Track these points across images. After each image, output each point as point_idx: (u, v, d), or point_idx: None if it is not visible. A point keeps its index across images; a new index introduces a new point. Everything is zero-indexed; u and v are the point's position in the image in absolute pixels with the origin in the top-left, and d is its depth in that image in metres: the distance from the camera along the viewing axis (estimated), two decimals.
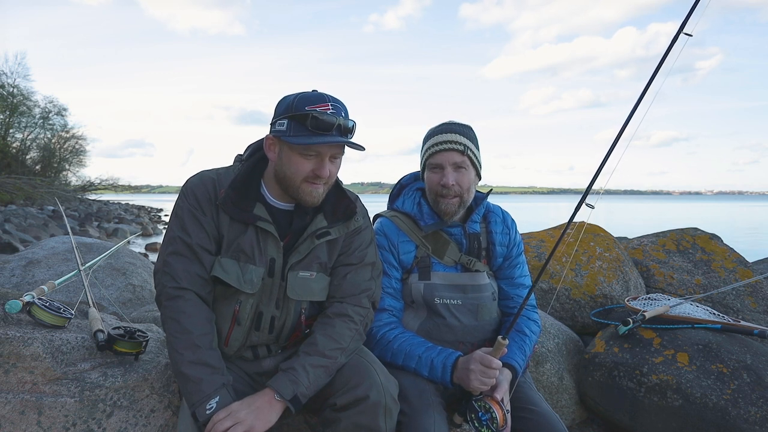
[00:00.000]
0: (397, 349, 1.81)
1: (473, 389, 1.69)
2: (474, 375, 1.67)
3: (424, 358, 1.77)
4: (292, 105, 1.52)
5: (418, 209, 1.96)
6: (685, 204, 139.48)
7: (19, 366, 1.61)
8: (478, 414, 1.67)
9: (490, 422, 1.64)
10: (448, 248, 1.92)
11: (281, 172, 1.58)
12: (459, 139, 1.87)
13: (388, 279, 1.90)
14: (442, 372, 1.75)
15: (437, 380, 1.77)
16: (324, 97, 1.53)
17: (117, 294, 3.35)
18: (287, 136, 1.51)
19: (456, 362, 1.75)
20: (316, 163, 1.54)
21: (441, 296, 1.88)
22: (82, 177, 38.95)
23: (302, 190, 1.57)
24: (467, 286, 1.90)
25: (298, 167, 1.54)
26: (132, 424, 1.63)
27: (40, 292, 1.94)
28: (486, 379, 1.67)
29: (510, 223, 2.05)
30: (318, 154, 1.54)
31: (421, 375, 1.78)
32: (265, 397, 1.49)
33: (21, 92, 32.91)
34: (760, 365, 2.42)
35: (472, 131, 1.94)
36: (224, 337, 1.62)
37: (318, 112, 1.48)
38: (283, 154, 1.56)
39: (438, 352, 1.78)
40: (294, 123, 1.50)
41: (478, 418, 1.67)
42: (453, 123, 1.94)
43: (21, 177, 23.55)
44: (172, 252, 1.58)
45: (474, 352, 1.72)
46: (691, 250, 3.70)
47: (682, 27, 1.56)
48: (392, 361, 1.80)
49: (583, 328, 3.25)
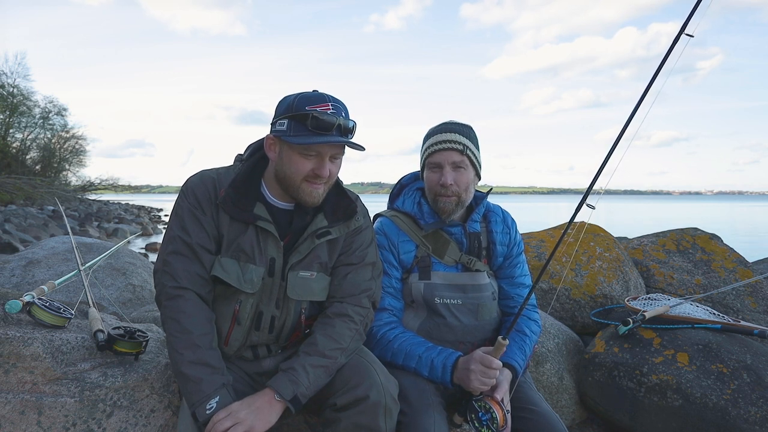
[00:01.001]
0: (397, 349, 1.81)
1: (473, 389, 1.69)
2: (474, 375, 1.67)
3: (425, 358, 1.77)
4: (292, 105, 1.52)
5: (419, 209, 1.96)
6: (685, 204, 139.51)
7: (19, 366, 1.61)
8: (479, 414, 1.67)
9: (491, 422, 1.64)
10: (449, 248, 1.92)
11: (281, 172, 1.58)
12: (458, 139, 1.87)
13: (389, 278, 1.90)
14: (442, 372, 1.75)
15: (437, 380, 1.77)
16: (324, 97, 1.53)
17: (117, 294, 3.35)
18: (287, 136, 1.51)
19: (456, 362, 1.75)
20: (316, 162, 1.54)
21: (441, 296, 1.88)
22: (82, 177, 39.00)
23: (302, 190, 1.57)
24: (467, 285, 1.90)
25: (299, 167, 1.54)
26: (132, 424, 1.63)
27: (40, 292, 1.94)
28: (486, 380, 1.67)
29: (510, 222, 2.05)
30: (318, 154, 1.54)
31: (421, 375, 1.78)
32: (265, 398, 1.49)
33: (21, 92, 32.95)
34: (760, 365, 2.42)
35: (473, 131, 1.94)
36: (224, 337, 1.62)
37: (318, 112, 1.48)
38: (284, 154, 1.56)
39: (438, 353, 1.78)
40: (294, 123, 1.50)
41: (478, 419, 1.67)
42: (453, 123, 1.94)
43: (21, 177, 23.56)
44: (172, 251, 1.58)
45: (474, 353, 1.72)
46: (691, 250, 3.70)
47: (683, 28, 1.55)
48: (392, 360, 1.80)
49: (583, 328, 3.25)
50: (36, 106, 34.38)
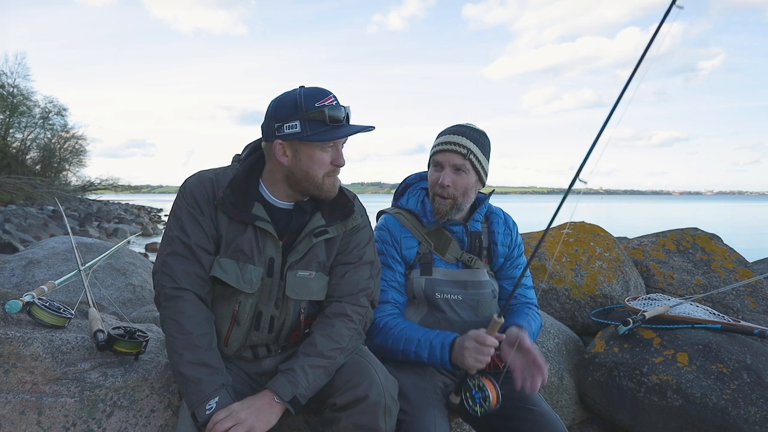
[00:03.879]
0: (398, 335, 1.82)
1: (469, 367, 1.69)
2: (468, 353, 1.67)
3: (423, 341, 1.79)
4: (300, 106, 1.52)
5: (422, 206, 1.99)
6: (685, 204, 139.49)
7: (19, 366, 1.61)
8: (472, 392, 1.70)
9: (483, 401, 1.67)
10: (450, 245, 1.95)
11: (301, 173, 1.58)
12: (463, 142, 1.89)
13: (392, 273, 1.93)
14: (441, 351, 1.75)
15: (437, 362, 1.77)
16: (325, 91, 1.56)
17: (117, 294, 3.35)
18: (307, 137, 1.52)
19: (454, 342, 1.76)
20: (333, 154, 1.59)
21: (441, 291, 1.90)
22: (82, 177, 39.01)
23: (325, 185, 1.60)
24: (468, 282, 1.92)
25: (321, 162, 1.57)
26: (132, 424, 1.64)
27: (40, 292, 1.94)
28: (480, 357, 1.67)
29: (512, 224, 2.09)
30: (334, 144, 1.58)
31: (421, 359, 1.78)
32: (264, 399, 1.49)
33: (21, 92, 32.96)
34: (760, 365, 2.42)
35: (485, 138, 1.95)
36: (224, 337, 1.62)
37: (330, 106, 1.52)
38: (301, 155, 1.56)
39: (436, 335, 1.80)
40: (309, 123, 1.52)
41: (472, 397, 1.70)
42: (465, 126, 1.95)
43: (21, 177, 23.56)
44: (170, 252, 1.58)
45: (469, 332, 1.72)
46: (691, 250, 3.70)
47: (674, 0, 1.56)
48: (393, 347, 1.81)
49: (583, 328, 3.25)
50: (36, 106, 34.43)
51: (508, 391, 1.82)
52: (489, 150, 1.97)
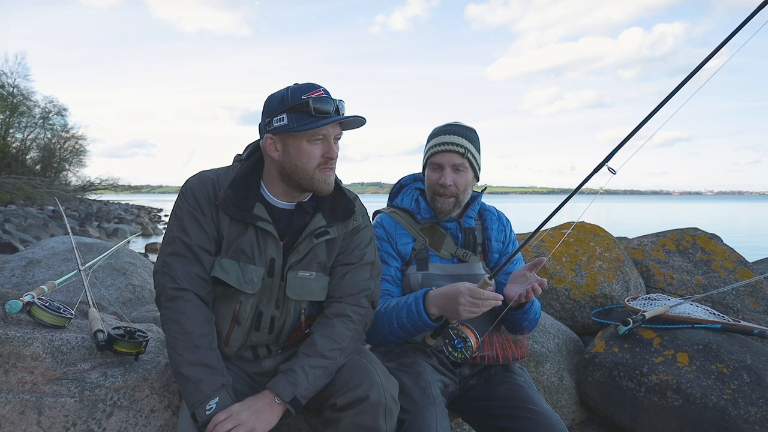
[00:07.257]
0: (382, 313, 1.83)
1: (463, 318, 1.70)
2: (463, 307, 1.67)
3: (401, 303, 1.80)
4: (286, 99, 1.53)
5: (416, 205, 2.03)
6: (685, 204, 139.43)
7: (19, 366, 1.61)
8: (454, 342, 1.75)
9: (465, 349, 1.73)
10: (445, 241, 1.99)
11: (291, 167, 1.57)
12: (460, 142, 1.94)
13: (387, 267, 1.96)
14: (416, 305, 1.76)
15: (416, 321, 1.76)
16: (314, 85, 1.56)
17: (117, 294, 3.35)
18: (292, 128, 1.52)
19: (426, 294, 1.76)
20: (324, 146, 1.57)
21: (438, 285, 1.90)
22: (83, 177, 39.02)
23: (317, 179, 1.58)
24: (463, 276, 1.94)
25: (310, 155, 1.55)
26: (132, 424, 1.64)
27: (40, 292, 1.93)
28: (475, 309, 1.67)
29: (505, 221, 2.13)
30: (324, 138, 1.56)
31: (403, 322, 1.78)
32: (265, 399, 1.49)
33: (21, 92, 32.96)
34: (760, 365, 2.42)
35: (475, 134, 2.00)
36: (224, 338, 1.62)
37: (316, 98, 1.51)
38: (290, 148, 1.56)
39: (409, 295, 1.82)
40: (295, 114, 1.52)
41: (452, 345, 1.75)
42: (457, 125, 2.00)
43: (21, 177, 23.57)
44: (171, 253, 1.58)
45: (458, 285, 1.71)
46: (691, 250, 3.70)
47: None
48: (379, 327, 1.82)
49: (583, 328, 3.25)
50: (36, 106, 34.43)
51: (509, 391, 1.82)
52: (480, 145, 2.02)
